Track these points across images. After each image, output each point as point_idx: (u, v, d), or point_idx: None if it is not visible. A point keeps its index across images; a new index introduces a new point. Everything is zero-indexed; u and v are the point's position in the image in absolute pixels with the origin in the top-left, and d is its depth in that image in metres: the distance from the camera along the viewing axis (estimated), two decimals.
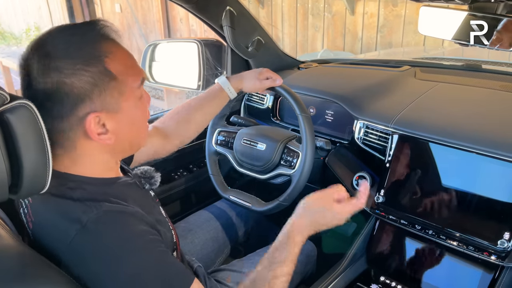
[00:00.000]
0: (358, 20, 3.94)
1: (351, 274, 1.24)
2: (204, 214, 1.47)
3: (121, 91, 0.76)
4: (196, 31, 5.42)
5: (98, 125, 0.75)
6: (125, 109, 0.77)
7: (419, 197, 1.15)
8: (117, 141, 0.79)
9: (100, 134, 0.75)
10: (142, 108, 0.82)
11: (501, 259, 1.01)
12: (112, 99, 0.75)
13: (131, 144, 0.84)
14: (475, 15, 1.04)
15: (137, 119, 0.81)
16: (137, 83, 0.79)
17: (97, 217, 0.71)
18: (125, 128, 0.79)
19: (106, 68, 0.73)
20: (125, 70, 0.76)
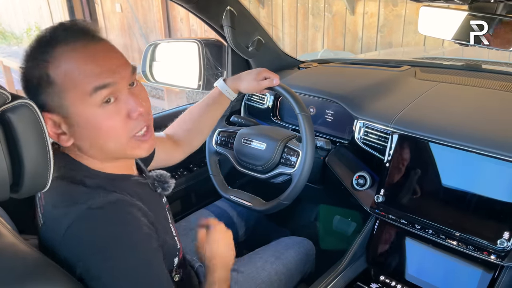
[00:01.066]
0: (358, 20, 3.94)
1: (351, 273, 1.24)
2: (205, 213, 1.47)
3: (62, 96, 0.74)
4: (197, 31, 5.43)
5: (54, 126, 0.77)
6: (74, 114, 0.75)
7: (419, 196, 1.15)
8: (81, 144, 0.79)
9: (57, 134, 0.77)
10: (109, 116, 0.76)
11: (501, 258, 1.01)
12: (54, 103, 0.75)
13: (104, 150, 0.80)
14: (475, 15, 1.04)
15: (98, 126, 0.76)
16: (88, 89, 0.74)
17: (102, 203, 0.74)
18: (85, 133, 0.77)
19: (47, 73, 0.74)
20: (68, 77, 0.74)
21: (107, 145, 0.79)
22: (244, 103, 1.76)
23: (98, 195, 0.75)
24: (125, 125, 0.78)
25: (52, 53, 0.74)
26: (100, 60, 0.76)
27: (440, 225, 1.10)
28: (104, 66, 0.76)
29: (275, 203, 1.29)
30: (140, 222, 0.77)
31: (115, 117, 0.77)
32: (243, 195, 1.39)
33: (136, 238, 0.76)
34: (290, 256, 1.29)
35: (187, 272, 1.05)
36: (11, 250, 0.67)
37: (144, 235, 0.77)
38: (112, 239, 0.73)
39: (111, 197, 0.76)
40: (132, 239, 0.75)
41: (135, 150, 0.82)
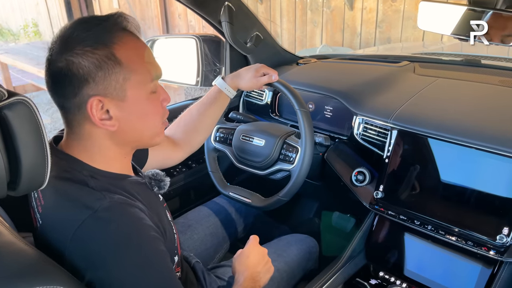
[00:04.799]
0: (357, 15, 3.93)
1: (350, 269, 1.24)
2: (203, 210, 1.47)
3: (127, 78, 0.77)
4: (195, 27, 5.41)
5: (101, 110, 0.77)
6: (131, 98, 0.79)
7: (418, 192, 1.15)
8: (122, 130, 0.80)
9: (102, 120, 0.77)
10: (154, 103, 0.83)
11: (500, 254, 1.01)
12: (116, 84, 0.77)
13: (139, 136, 0.85)
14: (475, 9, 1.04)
15: (146, 112, 0.82)
16: (149, 77, 0.80)
17: (109, 205, 0.74)
18: (131, 118, 0.80)
19: (112, 53, 0.75)
20: (134, 59, 0.78)
21: (146, 131, 0.85)
22: (242, 99, 1.75)
23: (105, 197, 0.75)
24: (161, 112, 0.86)
25: (119, 36, 0.77)
26: (151, 54, 0.84)
27: (439, 221, 1.10)
28: (155, 59, 0.84)
29: (274, 199, 1.29)
30: (147, 224, 0.78)
31: (158, 104, 0.84)
32: (242, 192, 1.38)
33: (144, 239, 0.76)
34: (292, 254, 1.29)
35: (184, 268, 1.05)
36: (10, 248, 0.67)
37: (152, 237, 0.78)
38: (121, 241, 0.73)
39: (117, 199, 0.77)
40: (141, 240, 0.75)
41: (159, 137, 0.89)
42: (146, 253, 0.75)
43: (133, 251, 0.73)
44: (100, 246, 0.72)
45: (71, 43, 0.74)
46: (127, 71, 0.77)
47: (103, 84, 0.76)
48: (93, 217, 0.72)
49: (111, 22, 0.78)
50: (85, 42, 0.74)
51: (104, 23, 0.77)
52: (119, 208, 0.76)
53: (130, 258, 0.73)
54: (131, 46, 0.78)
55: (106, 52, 0.75)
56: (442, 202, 1.12)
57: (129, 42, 0.78)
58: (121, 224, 0.74)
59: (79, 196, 0.75)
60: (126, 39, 0.78)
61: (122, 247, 0.73)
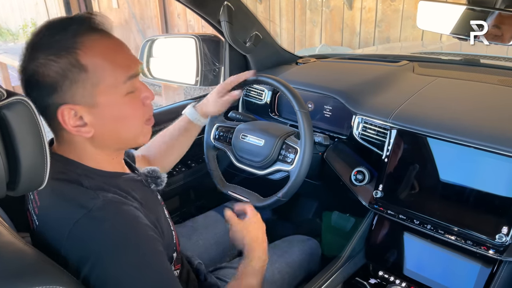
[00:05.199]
0: (356, 15, 3.93)
1: (349, 269, 1.24)
2: (213, 215, 1.46)
3: (95, 84, 0.74)
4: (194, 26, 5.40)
5: (74, 117, 0.75)
6: (103, 103, 0.76)
7: (418, 192, 1.15)
8: (99, 135, 0.79)
9: (77, 127, 0.76)
10: (132, 104, 0.80)
11: (499, 253, 1.01)
12: (84, 92, 0.74)
13: (120, 139, 0.82)
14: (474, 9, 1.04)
15: (123, 115, 0.79)
16: (120, 79, 0.77)
17: (103, 204, 0.74)
18: (107, 123, 0.78)
19: (77, 60, 0.73)
20: (101, 64, 0.74)
21: (126, 133, 0.82)
22: (242, 99, 1.75)
23: (99, 196, 0.74)
24: (142, 112, 0.83)
25: (83, 41, 0.73)
26: (126, 51, 0.80)
27: (439, 220, 1.10)
28: (131, 57, 0.80)
29: (273, 199, 1.29)
30: (142, 223, 0.77)
31: (136, 104, 0.81)
32: (241, 191, 1.38)
33: (140, 238, 0.75)
34: (294, 255, 1.28)
35: (185, 266, 1.05)
36: (9, 248, 0.66)
37: (149, 237, 0.77)
38: (116, 239, 0.72)
39: (111, 198, 0.76)
40: (137, 238, 0.75)
41: (144, 137, 0.86)
42: (142, 252, 0.74)
43: (128, 250, 0.72)
44: (94, 245, 0.71)
45: (36, 51, 0.73)
46: (94, 77, 0.74)
47: (70, 92, 0.74)
48: (88, 216, 0.72)
49: (75, 25, 0.75)
50: (49, 49, 0.72)
51: (69, 27, 0.74)
52: (113, 207, 0.75)
53: (125, 257, 0.72)
54: (98, 50, 0.75)
55: (70, 59, 0.72)
56: (441, 202, 1.12)
57: (96, 45, 0.74)
58: (116, 223, 0.73)
59: (74, 195, 0.75)
60: (93, 42, 0.74)
61: (116, 246, 0.72)
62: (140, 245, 0.74)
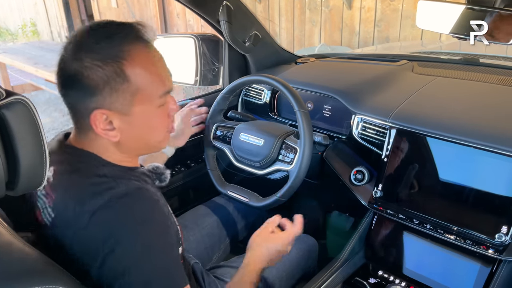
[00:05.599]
0: (355, 15, 3.93)
1: (349, 268, 1.24)
2: (201, 209, 1.47)
3: (133, 94, 0.77)
4: (193, 26, 5.40)
5: (105, 121, 0.77)
6: (136, 113, 0.79)
7: (417, 191, 1.15)
8: (124, 140, 0.81)
9: (105, 130, 0.78)
10: (161, 116, 0.83)
11: (499, 252, 1.01)
12: (123, 100, 0.77)
13: (142, 146, 0.86)
14: (473, 8, 1.04)
15: (152, 125, 0.83)
16: (157, 93, 0.80)
17: (126, 191, 0.76)
18: (135, 130, 0.81)
19: (121, 70, 0.75)
20: (143, 76, 0.77)
21: (150, 141, 0.85)
22: (241, 99, 1.75)
23: (120, 184, 0.77)
24: (168, 122, 0.87)
25: (129, 51, 0.75)
26: (164, 65, 0.83)
27: (438, 220, 1.10)
28: (167, 72, 0.83)
29: (272, 199, 1.29)
30: (164, 209, 0.81)
31: (165, 116, 0.85)
32: (240, 191, 1.38)
33: (161, 223, 0.78)
34: (291, 253, 1.28)
35: (186, 266, 1.05)
36: (9, 248, 0.66)
37: (168, 224, 0.80)
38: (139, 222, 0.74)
39: (133, 185, 0.79)
40: (158, 223, 0.77)
41: (165, 143, 0.90)
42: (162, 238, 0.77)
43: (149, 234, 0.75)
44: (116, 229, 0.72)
45: (82, 52, 0.74)
46: (135, 88, 0.76)
47: (110, 99, 0.76)
48: (109, 203, 0.73)
49: (122, 33, 0.76)
50: (95, 54, 0.74)
51: (115, 34, 0.76)
52: (136, 193, 0.77)
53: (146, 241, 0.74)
54: (142, 62, 0.77)
55: (115, 68, 0.74)
56: (441, 201, 1.12)
57: (140, 57, 0.77)
58: (140, 207, 0.76)
59: (95, 184, 0.76)
60: (138, 53, 0.77)
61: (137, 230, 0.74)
62: (161, 231, 0.77)
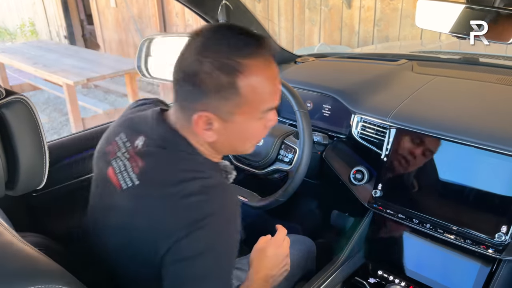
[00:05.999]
0: (355, 14, 3.93)
1: (349, 268, 1.24)
2: None
3: (240, 105, 0.79)
4: (192, 25, 5.39)
5: (206, 122, 0.80)
6: (237, 121, 0.81)
7: (417, 191, 1.15)
8: (219, 142, 0.84)
9: (204, 130, 0.81)
10: (258, 128, 0.85)
11: (499, 252, 1.01)
12: (227, 109, 0.79)
13: (232, 150, 0.91)
14: (472, 8, 1.04)
15: (248, 133, 0.85)
16: (261, 109, 0.81)
17: (219, 182, 0.82)
18: (231, 136, 0.84)
19: (235, 82, 0.76)
20: (254, 93, 0.78)
21: (241, 147, 0.89)
22: None
23: (214, 175, 0.82)
24: (262, 133, 0.89)
25: (248, 66, 0.76)
26: (276, 80, 0.83)
27: (438, 219, 1.10)
28: (277, 87, 0.84)
29: (272, 199, 1.29)
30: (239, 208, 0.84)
31: (264, 128, 0.87)
32: (240, 191, 1.38)
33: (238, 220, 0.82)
34: (290, 254, 1.29)
35: None
36: (9, 248, 0.66)
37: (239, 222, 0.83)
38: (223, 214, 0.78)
39: (223, 179, 0.86)
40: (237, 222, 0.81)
41: (250, 150, 0.92)
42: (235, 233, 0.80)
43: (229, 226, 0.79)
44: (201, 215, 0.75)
45: (203, 52, 0.76)
46: (244, 101, 0.78)
47: (217, 105, 0.78)
48: (204, 190, 0.77)
49: (250, 48, 0.77)
50: (215, 62, 0.75)
51: (238, 46, 0.77)
52: (226, 186, 0.83)
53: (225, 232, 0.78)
54: (257, 78, 0.78)
55: (230, 79, 0.76)
56: (440, 201, 1.12)
57: (256, 73, 0.78)
58: (230, 200, 0.81)
59: (186, 170, 0.79)
60: (255, 68, 0.77)
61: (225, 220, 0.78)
62: (237, 229, 0.81)
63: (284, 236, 1.05)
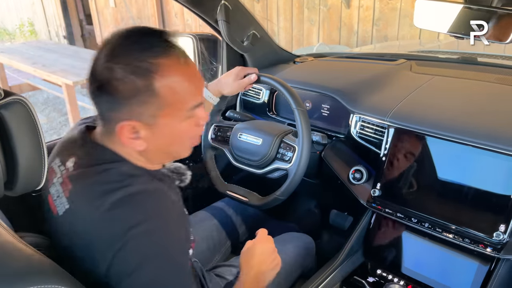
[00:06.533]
0: (354, 14, 3.93)
1: (348, 267, 1.24)
2: (199, 215, 1.47)
3: (161, 107, 0.76)
4: (191, 25, 5.39)
5: (131, 131, 0.77)
6: (163, 124, 0.78)
7: (415, 190, 1.15)
8: (150, 149, 0.81)
9: (131, 139, 0.78)
10: (187, 128, 0.82)
11: (497, 251, 1.02)
12: (149, 112, 0.76)
13: (168, 154, 0.86)
14: (471, 7, 1.04)
15: (178, 135, 0.82)
16: (185, 107, 0.79)
17: (146, 187, 0.77)
18: (162, 140, 0.81)
19: (152, 84, 0.74)
20: (173, 92, 0.76)
21: (174, 150, 0.85)
22: (240, 98, 1.75)
23: (140, 180, 0.77)
24: (194, 132, 0.86)
25: (159, 64, 0.74)
26: (196, 78, 0.80)
27: (437, 219, 1.10)
28: (199, 84, 0.81)
29: (271, 198, 1.29)
30: (182, 210, 0.82)
31: (193, 127, 0.84)
32: (240, 190, 1.38)
33: (179, 222, 0.79)
34: (288, 251, 1.29)
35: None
36: (8, 248, 0.66)
37: (185, 224, 0.81)
38: (154, 222, 0.74)
39: (154, 184, 0.80)
40: (175, 221, 0.78)
41: (187, 152, 0.89)
42: (178, 236, 0.77)
43: (165, 231, 0.75)
44: (130, 226, 0.72)
45: (113, 62, 0.73)
46: (164, 103, 0.76)
47: (138, 111, 0.75)
48: (125, 199, 0.74)
49: (159, 46, 0.75)
50: (126, 66, 0.73)
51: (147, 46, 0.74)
52: (153, 191, 0.78)
53: (158, 241, 0.74)
54: (173, 76, 0.75)
55: (145, 82, 0.73)
56: (439, 200, 1.12)
57: (172, 72, 0.75)
58: (154, 205, 0.76)
59: (112, 182, 0.76)
60: (170, 67, 0.75)
61: (152, 226, 0.74)
62: (174, 231, 0.77)
63: (266, 233, 1.07)
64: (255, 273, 0.99)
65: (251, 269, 0.99)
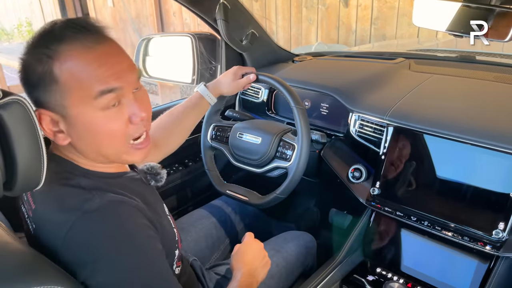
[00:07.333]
0: (352, 13, 3.93)
1: (347, 266, 1.24)
2: (198, 212, 1.47)
3: (64, 96, 0.72)
4: (190, 25, 5.39)
5: (51, 123, 0.75)
6: (74, 115, 0.74)
7: (415, 188, 1.15)
8: (79, 146, 0.77)
9: (53, 132, 0.76)
10: (109, 120, 0.75)
11: (496, 249, 1.02)
12: (55, 101, 0.73)
13: (103, 154, 0.79)
14: (469, 6, 1.04)
15: (97, 130, 0.75)
16: (91, 93, 0.72)
17: (99, 205, 0.72)
18: (83, 135, 0.76)
19: (51, 70, 0.71)
20: (73, 77, 0.72)
21: (104, 149, 0.78)
22: (238, 97, 1.75)
23: (94, 197, 0.73)
24: (125, 129, 0.77)
25: (58, 49, 0.71)
26: (108, 63, 0.74)
27: (436, 217, 1.10)
28: (111, 70, 0.74)
29: (271, 197, 1.29)
30: (140, 222, 0.76)
31: (116, 121, 0.76)
32: (239, 190, 1.38)
33: (138, 237, 0.75)
34: (290, 249, 1.29)
35: (184, 265, 1.05)
36: (7, 248, 0.66)
37: (147, 236, 0.76)
38: (113, 241, 0.71)
39: (108, 198, 0.74)
40: (135, 238, 0.74)
41: (131, 156, 0.81)
42: (141, 252, 0.74)
43: (126, 251, 0.72)
44: (91, 249, 0.70)
45: (25, 52, 0.74)
46: (64, 89, 0.72)
47: (44, 98, 0.73)
48: (82, 218, 0.70)
49: (59, 32, 0.73)
50: (32, 54, 0.73)
51: (52, 32, 0.73)
52: (109, 207, 0.73)
53: (124, 259, 0.72)
54: (73, 62, 0.72)
55: (45, 67, 0.71)
56: (438, 198, 1.12)
57: (72, 57, 0.71)
58: (112, 224, 0.72)
59: (69, 197, 0.74)
60: (70, 53, 0.71)
61: (114, 248, 0.71)
62: (138, 246, 0.74)
63: (253, 236, 1.09)
64: (248, 270, 0.99)
65: (245, 265, 1.00)
